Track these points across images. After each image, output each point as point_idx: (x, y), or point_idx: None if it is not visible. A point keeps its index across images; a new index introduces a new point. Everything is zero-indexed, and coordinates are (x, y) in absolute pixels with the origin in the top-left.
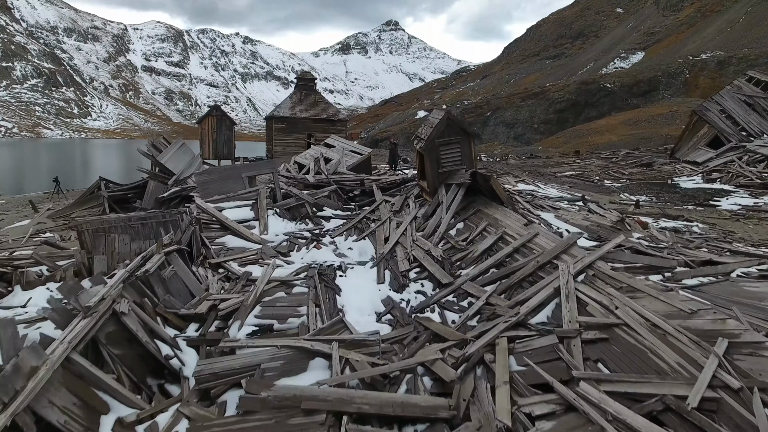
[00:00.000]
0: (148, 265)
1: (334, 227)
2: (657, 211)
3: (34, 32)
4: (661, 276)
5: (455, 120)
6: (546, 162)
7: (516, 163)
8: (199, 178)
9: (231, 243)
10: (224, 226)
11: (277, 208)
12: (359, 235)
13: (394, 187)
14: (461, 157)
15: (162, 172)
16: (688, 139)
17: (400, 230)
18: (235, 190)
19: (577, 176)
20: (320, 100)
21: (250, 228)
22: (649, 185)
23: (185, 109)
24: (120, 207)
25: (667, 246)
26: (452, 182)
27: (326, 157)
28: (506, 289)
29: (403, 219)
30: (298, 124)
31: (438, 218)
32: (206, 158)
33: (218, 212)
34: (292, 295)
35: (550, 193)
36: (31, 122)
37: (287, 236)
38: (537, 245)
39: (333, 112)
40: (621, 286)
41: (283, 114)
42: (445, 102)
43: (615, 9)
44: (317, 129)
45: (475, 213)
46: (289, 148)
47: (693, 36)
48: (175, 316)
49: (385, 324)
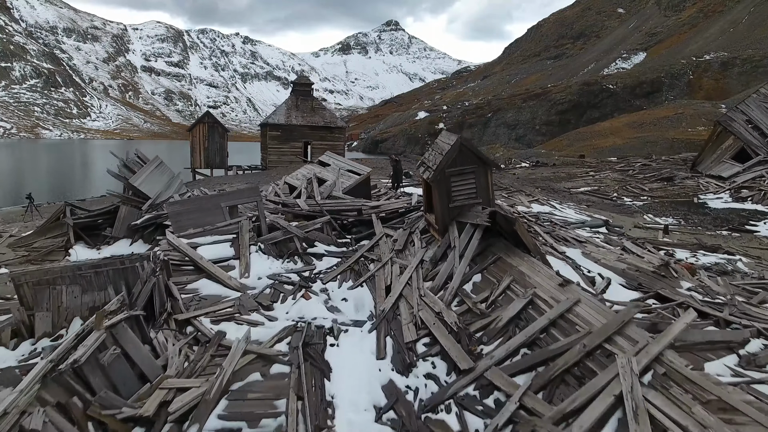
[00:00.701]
0: (80, 350)
1: (326, 269)
2: (691, 239)
3: (33, 32)
4: (735, 356)
5: (469, 146)
6: (556, 173)
7: (524, 175)
8: (172, 208)
9: (205, 289)
10: (198, 268)
11: (261, 243)
12: (356, 281)
13: (396, 217)
14: (476, 189)
15: (136, 195)
16: (711, 151)
17: (404, 278)
18: (213, 222)
19: (593, 192)
20: (317, 106)
21: (229, 268)
22: (674, 204)
23: (185, 109)
24: (88, 235)
25: (727, 301)
26: (466, 221)
27: (320, 177)
28: (545, 385)
29: (407, 261)
30: (294, 131)
31: (450, 266)
32: (197, 167)
33: (192, 250)
34: (269, 378)
35: (568, 214)
36: (29, 123)
37: (272, 279)
38: (579, 317)
39: (331, 118)
40: (708, 399)
41: (278, 121)
42: (445, 102)
43: (616, 9)
44: (314, 136)
45: (496, 262)
46: (285, 157)
47: (695, 36)
48: (114, 420)
49: (387, 426)
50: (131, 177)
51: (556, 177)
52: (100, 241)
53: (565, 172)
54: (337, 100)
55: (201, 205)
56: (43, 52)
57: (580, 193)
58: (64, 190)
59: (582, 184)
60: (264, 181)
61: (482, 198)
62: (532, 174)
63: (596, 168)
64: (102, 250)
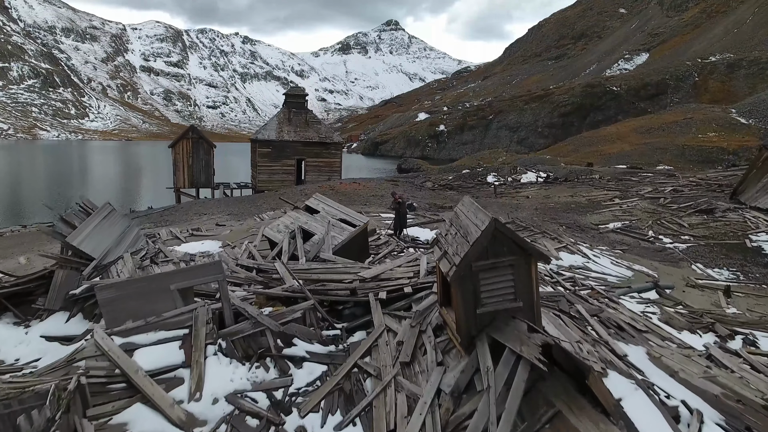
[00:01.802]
0: None
1: (307, 383)
2: (764, 316)
3: (31, 32)
4: None
5: (506, 232)
6: (575, 198)
7: (538, 199)
8: (103, 294)
9: (138, 425)
10: (131, 385)
11: (222, 339)
12: (346, 413)
13: (401, 298)
14: (514, 289)
15: (77, 255)
16: (755, 179)
17: (413, 426)
18: (159, 311)
19: (625, 230)
20: (312, 119)
21: (176, 382)
22: (724, 249)
23: (184, 109)
24: (18, 304)
25: None
26: (503, 341)
27: (306, 230)
28: None
29: (417, 384)
30: (287, 148)
31: (483, 421)
32: (181, 187)
33: (124, 357)
34: None
35: (605, 266)
36: (27, 123)
37: (232, 405)
38: None
39: (326, 133)
40: None
41: (268, 137)
42: (446, 103)
43: (618, 9)
44: (308, 153)
45: (552, 421)
46: (276, 176)
47: (699, 37)
48: None
49: None
50: (69, 234)
51: (578, 205)
52: (31, 314)
53: (586, 196)
54: (337, 100)
55: (143, 289)
56: (41, 52)
57: (610, 231)
58: (64, 191)
59: (610, 217)
60: (249, 211)
61: (523, 300)
62: (547, 197)
63: (621, 193)
64: (32, 326)
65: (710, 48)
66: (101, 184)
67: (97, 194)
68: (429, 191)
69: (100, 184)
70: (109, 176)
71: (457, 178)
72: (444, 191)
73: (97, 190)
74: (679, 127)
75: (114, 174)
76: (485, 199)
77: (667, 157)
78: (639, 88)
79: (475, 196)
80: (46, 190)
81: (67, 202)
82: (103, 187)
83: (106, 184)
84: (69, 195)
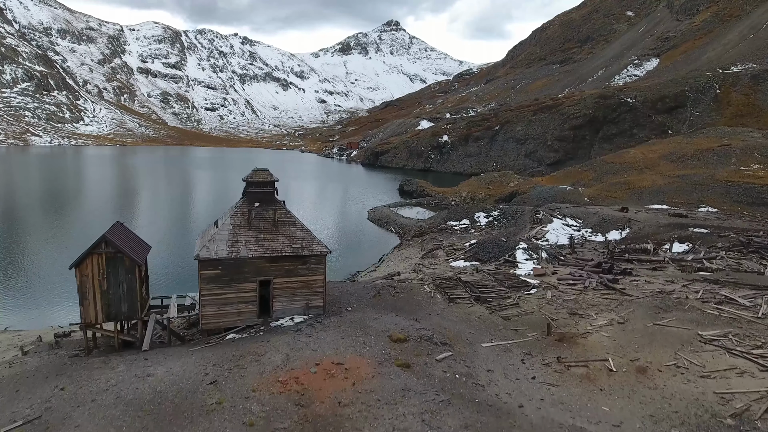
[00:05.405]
0: None
1: None
2: None
3: (26, 34)
4: None
5: None
6: (698, 388)
7: (631, 385)
8: None
9: None
10: None
11: None
12: None
13: None
14: None
15: None
16: None
17: None
18: None
19: None
20: (283, 218)
21: None
22: None
23: (182, 112)
24: None
25: None
26: None
27: None
28: None
29: None
30: (244, 266)
31: None
32: (93, 322)
33: None
34: None
35: None
36: (19, 129)
37: None
38: None
39: (304, 240)
40: None
41: (216, 252)
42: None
43: (625, 12)
44: (277, 271)
45: None
46: (229, 308)
47: (712, 42)
48: None
49: None
50: None
51: (632, 309)
52: None
53: (644, 304)
54: (337, 102)
55: None
56: (36, 54)
57: None
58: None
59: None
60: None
61: None
62: (639, 365)
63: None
64: None
65: (725, 55)
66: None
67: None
68: (438, 312)
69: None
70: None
71: (475, 250)
72: (462, 302)
73: None
74: (717, 156)
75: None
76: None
77: (709, 195)
78: (656, 100)
79: (514, 331)
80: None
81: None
82: None
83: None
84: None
